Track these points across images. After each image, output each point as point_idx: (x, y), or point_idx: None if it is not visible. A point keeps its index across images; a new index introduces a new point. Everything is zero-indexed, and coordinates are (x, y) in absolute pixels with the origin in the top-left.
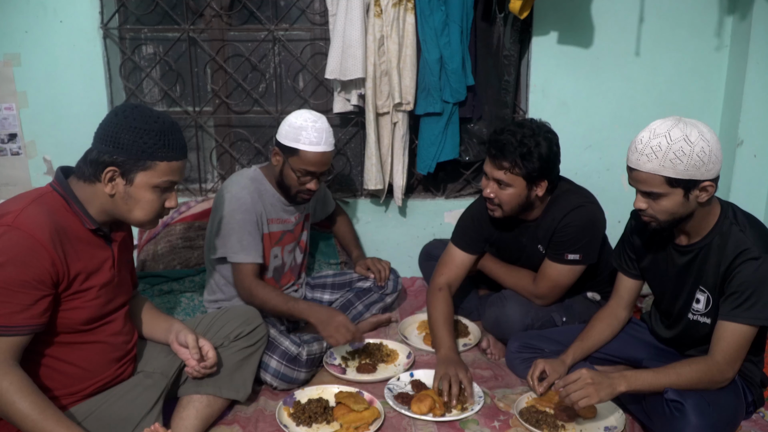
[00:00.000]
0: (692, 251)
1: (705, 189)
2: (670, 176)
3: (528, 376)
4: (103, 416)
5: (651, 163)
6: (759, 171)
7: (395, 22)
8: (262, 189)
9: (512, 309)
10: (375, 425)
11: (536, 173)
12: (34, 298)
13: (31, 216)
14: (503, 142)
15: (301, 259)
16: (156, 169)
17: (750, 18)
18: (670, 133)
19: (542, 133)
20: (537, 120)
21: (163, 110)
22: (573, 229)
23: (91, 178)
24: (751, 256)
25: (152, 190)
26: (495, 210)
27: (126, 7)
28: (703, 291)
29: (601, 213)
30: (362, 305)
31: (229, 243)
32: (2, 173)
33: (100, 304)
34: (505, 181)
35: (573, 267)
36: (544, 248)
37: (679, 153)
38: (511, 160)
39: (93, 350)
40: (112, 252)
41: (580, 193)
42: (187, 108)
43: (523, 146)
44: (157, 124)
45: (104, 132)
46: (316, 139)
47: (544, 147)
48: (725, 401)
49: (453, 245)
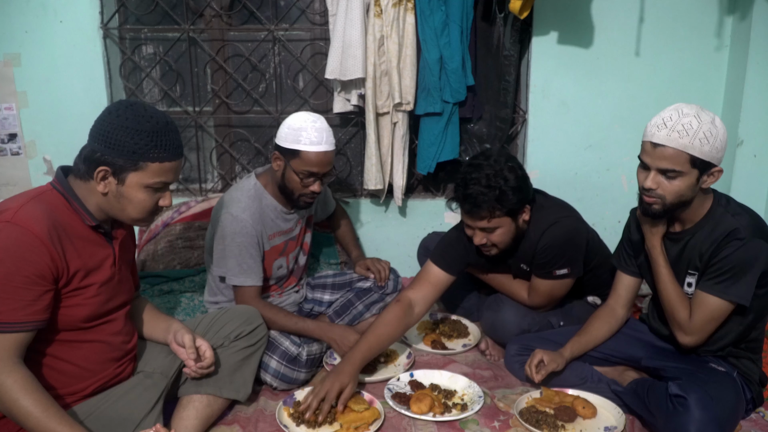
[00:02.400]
0: (683, 238)
1: (713, 174)
2: (696, 155)
3: (526, 365)
4: (103, 416)
5: (682, 140)
6: (759, 171)
7: (395, 22)
8: (263, 205)
9: (508, 313)
10: (375, 425)
11: (517, 206)
12: (36, 293)
13: (29, 212)
14: (473, 195)
15: (303, 261)
16: (147, 170)
17: (750, 18)
18: (699, 115)
19: (503, 164)
20: (490, 150)
21: (163, 110)
22: (554, 248)
23: (85, 176)
24: (737, 236)
25: (144, 190)
26: (490, 250)
27: (126, 7)
28: (693, 274)
29: (579, 223)
30: (362, 305)
31: (229, 265)
32: (2, 173)
33: (100, 301)
34: (491, 227)
35: (563, 280)
36: (528, 267)
37: (708, 134)
38: (489, 208)
39: (92, 349)
40: (113, 249)
41: (554, 207)
42: (187, 108)
43: (493, 189)
44: (149, 124)
45: (98, 130)
46: (317, 139)
47: (512, 179)
48: (727, 396)
49: (431, 263)
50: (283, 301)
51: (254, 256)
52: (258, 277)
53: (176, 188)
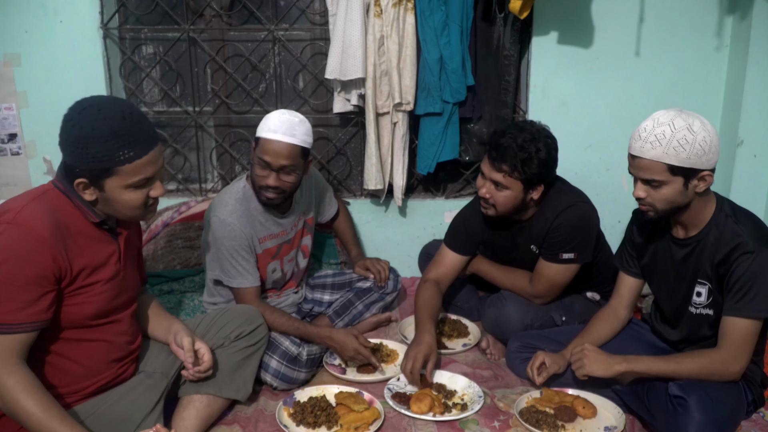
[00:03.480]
0: (690, 244)
1: (703, 179)
2: (673, 164)
3: (528, 368)
4: (104, 416)
5: (655, 150)
6: (759, 171)
7: (395, 22)
8: (250, 208)
9: (511, 309)
10: (375, 425)
11: (535, 178)
12: (38, 294)
13: (32, 213)
14: (504, 145)
15: (304, 264)
16: (121, 174)
17: (750, 18)
18: (673, 122)
19: (542, 138)
20: (537, 123)
21: (163, 110)
22: (566, 229)
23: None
24: (746, 250)
25: (128, 190)
26: (488, 209)
27: (126, 7)
28: (703, 283)
29: (593, 212)
30: (362, 305)
31: (224, 268)
32: (2, 173)
33: (106, 298)
34: (503, 184)
35: (568, 266)
36: (537, 248)
37: (683, 141)
38: (511, 164)
39: (96, 348)
40: (118, 246)
41: (573, 192)
42: (187, 108)
43: (523, 151)
44: (106, 127)
45: (62, 142)
46: (276, 127)
47: (544, 152)
48: (727, 398)
49: (445, 246)
50: (281, 302)
51: (246, 257)
52: (254, 277)
53: (176, 188)
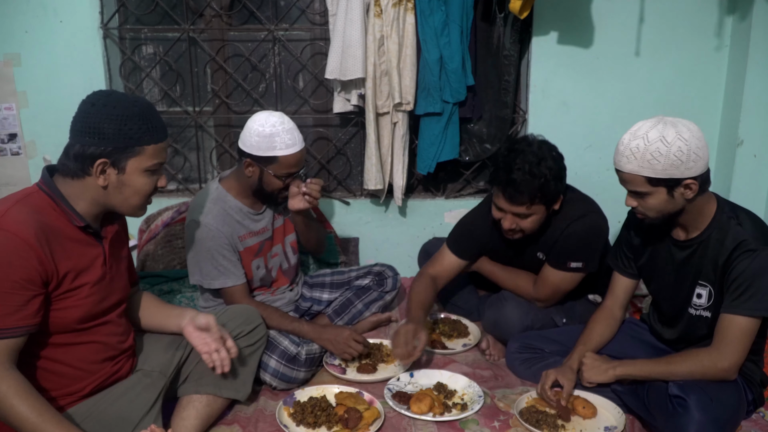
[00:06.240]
0: (691, 246)
1: (688, 186)
2: (650, 176)
3: (540, 389)
4: (101, 417)
5: (630, 164)
6: (759, 171)
7: (395, 22)
8: (226, 207)
9: (511, 310)
10: (375, 425)
11: (554, 194)
12: (25, 298)
13: (16, 216)
14: (517, 180)
15: (294, 260)
16: (145, 154)
17: (750, 18)
18: (648, 135)
19: (546, 153)
20: (531, 137)
21: (163, 110)
22: (576, 239)
23: (79, 174)
24: (747, 248)
25: (144, 174)
26: (515, 235)
27: (126, 7)
28: (704, 285)
29: (604, 222)
30: (362, 304)
31: (204, 270)
32: (2, 173)
33: (93, 302)
34: (526, 213)
35: (575, 274)
36: (544, 255)
37: (656, 153)
38: (530, 195)
39: (88, 350)
40: (103, 249)
41: (584, 201)
42: (187, 108)
43: (537, 177)
44: (136, 108)
45: (84, 125)
46: (291, 141)
47: (555, 168)
48: (727, 398)
49: (446, 247)
50: (276, 300)
51: (228, 256)
52: (238, 275)
53: (176, 188)
